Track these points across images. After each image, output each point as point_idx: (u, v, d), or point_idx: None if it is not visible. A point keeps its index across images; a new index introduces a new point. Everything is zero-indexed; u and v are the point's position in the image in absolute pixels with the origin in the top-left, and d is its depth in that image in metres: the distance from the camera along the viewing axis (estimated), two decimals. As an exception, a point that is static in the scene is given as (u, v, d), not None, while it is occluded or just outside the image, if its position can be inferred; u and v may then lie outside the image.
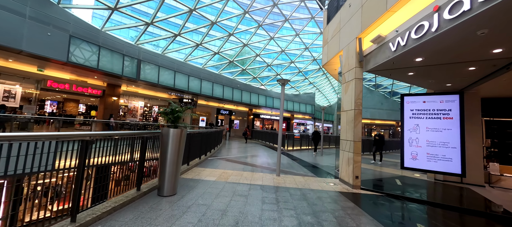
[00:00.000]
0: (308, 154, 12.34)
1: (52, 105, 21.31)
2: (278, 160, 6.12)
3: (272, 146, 15.28)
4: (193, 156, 6.85)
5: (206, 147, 8.40)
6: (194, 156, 6.98)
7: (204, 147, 8.14)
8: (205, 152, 8.23)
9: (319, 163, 9.29)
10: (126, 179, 3.67)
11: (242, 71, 20.35)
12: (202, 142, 7.77)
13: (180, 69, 15.85)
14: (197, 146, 7.18)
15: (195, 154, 7.08)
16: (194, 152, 6.89)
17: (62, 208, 2.62)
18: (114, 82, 14.17)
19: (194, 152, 6.88)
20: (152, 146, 4.23)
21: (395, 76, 5.72)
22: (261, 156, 10.27)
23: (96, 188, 3.03)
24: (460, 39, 3.44)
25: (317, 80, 26.85)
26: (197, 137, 7.06)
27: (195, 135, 6.84)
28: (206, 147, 8.39)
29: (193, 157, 6.93)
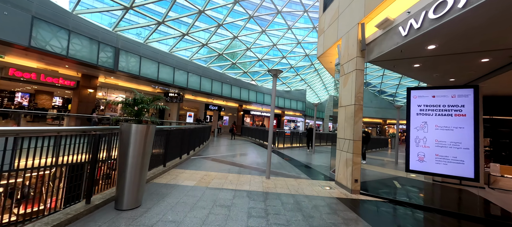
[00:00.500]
0: (299, 152, 11.76)
1: (24, 98, 19.37)
2: (268, 160, 5.40)
3: (262, 144, 14.59)
4: (172, 155, 5.98)
5: (190, 145, 7.53)
6: (173, 156, 6.11)
7: (187, 145, 7.27)
8: (188, 151, 7.36)
9: (312, 162, 8.70)
10: (73, 189, 2.79)
11: (232, 65, 19.40)
12: (184, 139, 6.89)
13: (165, 61, 14.67)
14: (177, 144, 6.30)
15: (175, 153, 6.20)
16: (173, 151, 6.01)
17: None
18: (90, 72, 12.79)
19: (173, 151, 6.01)
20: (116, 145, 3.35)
21: (399, 68, 5.13)
22: (250, 154, 9.54)
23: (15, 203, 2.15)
24: (491, 16, 2.82)
25: (308, 76, 26.41)
26: (177, 134, 6.17)
27: (174, 132, 5.96)
28: (190, 144, 7.52)
29: (172, 156, 6.06)
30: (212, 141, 14.23)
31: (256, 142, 15.87)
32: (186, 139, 7.07)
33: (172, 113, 19.75)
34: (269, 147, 5.54)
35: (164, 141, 5.28)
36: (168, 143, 5.40)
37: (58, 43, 9.67)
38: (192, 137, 7.92)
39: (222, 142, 14.10)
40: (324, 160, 9.31)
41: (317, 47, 7.58)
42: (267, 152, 5.50)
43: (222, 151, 9.78)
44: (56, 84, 13.04)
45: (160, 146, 5.14)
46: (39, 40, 9.03)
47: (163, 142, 5.25)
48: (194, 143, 8.34)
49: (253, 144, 14.47)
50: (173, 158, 6.17)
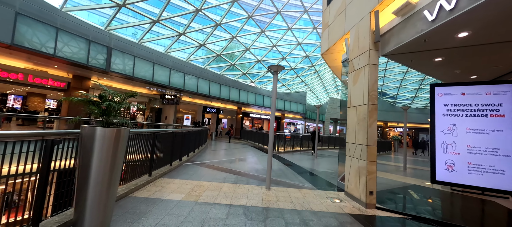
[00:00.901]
0: (301, 157, 11.08)
1: (17, 100, 18.70)
2: (269, 168, 4.72)
3: (262, 148, 13.90)
4: (160, 162, 5.30)
5: (182, 150, 6.85)
6: (162, 163, 5.42)
7: (179, 150, 6.58)
8: (180, 156, 6.67)
9: (316, 168, 8.02)
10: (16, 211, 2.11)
11: (231, 66, 18.81)
12: (175, 144, 6.21)
13: (160, 62, 14.05)
14: (167, 149, 5.62)
15: (164, 160, 5.52)
16: (162, 158, 5.34)
17: None
18: (81, 73, 12.14)
19: (162, 157, 5.33)
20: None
21: (417, 62, 4.50)
22: (249, 159, 8.84)
23: None
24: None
25: (308, 78, 25.85)
26: (166, 138, 5.50)
27: (162, 136, 5.28)
28: (182, 150, 6.84)
29: (161, 163, 5.37)
30: (209, 145, 13.54)
31: (256, 145, 15.18)
32: (178, 144, 6.39)
33: (169, 116, 19.09)
34: (269, 152, 4.86)
35: (150, 146, 4.60)
36: (154, 148, 4.72)
37: (44, 42, 9.04)
38: (185, 141, 7.24)
39: (219, 146, 13.41)
40: (329, 166, 8.63)
41: (321, 44, 6.97)
42: (268, 157, 4.83)
43: (219, 156, 9.09)
44: (46, 86, 12.39)
45: (145, 152, 4.47)
46: (23, 38, 8.39)
47: (149, 147, 4.58)
48: (187, 148, 7.65)
49: (252, 147, 13.79)
50: (163, 165, 5.48)
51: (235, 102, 20.37)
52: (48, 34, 9.17)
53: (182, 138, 6.67)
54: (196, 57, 17.29)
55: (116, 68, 11.71)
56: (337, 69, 7.69)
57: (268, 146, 4.84)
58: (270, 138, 4.86)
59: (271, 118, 4.89)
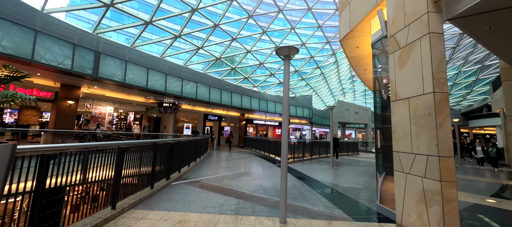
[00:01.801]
0: (313, 166, 9.52)
1: (13, 115, 17.78)
2: (283, 191, 3.25)
3: (268, 157, 12.39)
4: (133, 187, 3.89)
5: (170, 166, 5.44)
6: (137, 187, 4.01)
7: (165, 166, 5.18)
8: (167, 174, 5.26)
9: (338, 182, 6.46)
10: None
11: (231, 70, 17.61)
12: (160, 159, 4.82)
13: (155, 67, 12.90)
14: (145, 167, 4.22)
15: (142, 182, 4.11)
16: (135, 181, 3.93)
17: None
18: (69, 81, 11.04)
19: (136, 179, 3.93)
20: None
21: (498, 30, 3.05)
22: (254, 173, 7.35)
23: None
24: None
25: (313, 81, 24.47)
26: (141, 153, 4.10)
27: (133, 149, 3.88)
28: (170, 165, 5.43)
29: (135, 188, 3.97)
30: (209, 155, 12.11)
31: (261, 154, 13.67)
32: (162, 159, 4.99)
33: (168, 125, 17.83)
34: (283, 168, 3.40)
35: (117, 164, 3.22)
36: (121, 167, 3.33)
37: (21, 45, 7.95)
38: (175, 155, 5.83)
39: (220, 157, 11.95)
40: (352, 178, 7.05)
41: (340, 28, 5.60)
42: (281, 172, 3.36)
43: (218, 170, 7.62)
44: (30, 97, 11.29)
45: (109, 173, 3.08)
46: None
47: (112, 167, 3.19)
48: (179, 162, 6.23)
49: (257, 157, 12.28)
50: (140, 188, 4.07)
51: (238, 108, 19.03)
52: (25, 37, 8.09)
53: (169, 150, 5.27)
54: (194, 62, 16.17)
55: (105, 75, 10.55)
56: (358, 60, 6.28)
57: (282, 159, 3.38)
58: (284, 147, 3.39)
59: (283, 119, 3.45)
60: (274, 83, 22.03)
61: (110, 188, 3.26)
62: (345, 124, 29.39)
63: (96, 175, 2.87)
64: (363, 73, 7.57)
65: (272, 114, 22.38)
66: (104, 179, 3.06)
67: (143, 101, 16.11)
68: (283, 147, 3.35)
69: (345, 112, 27.75)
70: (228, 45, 15.56)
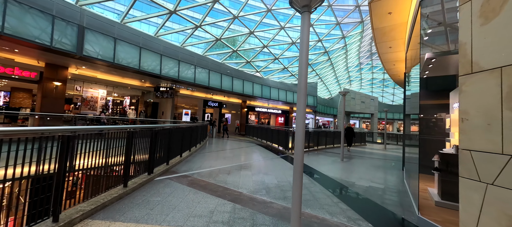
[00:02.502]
0: (322, 159, 8.58)
1: (6, 97, 16.92)
2: (297, 203, 2.25)
3: (270, 146, 11.46)
4: (93, 189, 2.93)
5: (154, 158, 4.48)
6: (101, 188, 3.06)
7: (148, 158, 4.22)
8: (150, 167, 4.31)
9: (352, 179, 5.50)
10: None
11: (233, 53, 16.29)
12: (138, 150, 3.85)
13: (149, 46, 11.70)
14: (116, 160, 3.24)
15: (107, 182, 3.15)
16: (103, 179, 2.97)
17: None
18: (54, 60, 9.96)
19: (103, 178, 2.96)
20: None
21: None
22: (255, 165, 6.41)
23: None
24: None
25: (319, 67, 23.02)
26: (114, 141, 3.11)
27: (93, 136, 2.89)
28: (154, 157, 4.47)
29: (101, 188, 3.01)
30: (208, 143, 11.23)
31: (263, 143, 12.76)
32: (142, 149, 4.01)
33: (166, 111, 16.90)
34: (297, 168, 2.38)
35: (58, 157, 2.23)
36: (69, 160, 2.34)
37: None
38: (163, 143, 4.86)
39: (219, 145, 11.06)
40: (370, 174, 6.07)
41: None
42: (294, 176, 2.35)
43: (214, 161, 6.69)
44: (12, 76, 10.30)
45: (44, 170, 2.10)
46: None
47: (56, 159, 2.19)
48: (168, 152, 5.28)
49: (259, 146, 11.36)
50: (102, 190, 3.11)
51: (239, 94, 17.92)
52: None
53: (153, 138, 4.28)
54: (193, 42, 14.87)
55: (91, 53, 9.43)
56: (384, 33, 5.06)
57: (295, 155, 2.34)
58: (299, 136, 2.33)
59: (299, 98, 2.38)
60: (278, 69, 20.69)
61: (52, 190, 2.29)
62: (350, 113, 28.22)
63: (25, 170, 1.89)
64: (387, 52, 6.35)
65: (275, 101, 21.26)
66: (42, 174, 2.08)
67: (138, 85, 15.07)
68: (298, 136, 2.30)
69: (351, 101, 26.49)
70: (229, 24, 14.16)
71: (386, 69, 8.18)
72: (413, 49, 4.61)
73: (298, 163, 2.22)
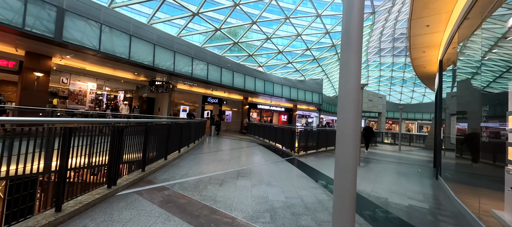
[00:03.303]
0: (333, 163, 7.35)
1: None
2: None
3: (274, 147, 10.25)
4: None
5: (115, 165, 3.31)
6: (14, 215, 1.88)
7: (112, 163, 3.05)
8: (111, 178, 3.13)
9: (386, 193, 4.27)
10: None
11: (233, 45, 15.06)
12: (91, 152, 2.67)
13: (140, 34, 10.53)
14: (46, 170, 2.07)
15: (30, 204, 1.98)
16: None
17: None
18: (35, 48, 8.88)
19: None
20: None
21: None
22: (256, 172, 5.19)
23: None
24: None
25: (326, 62, 21.66)
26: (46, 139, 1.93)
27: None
28: (118, 162, 3.30)
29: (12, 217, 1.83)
30: (203, 143, 10.07)
31: (265, 143, 11.56)
32: (99, 152, 2.82)
33: (162, 107, 15.80)
34: (341, 193, 1.57)
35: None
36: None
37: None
38: (133, 144, 3.68)
39: (216, 145, 9.89)
40: (401, 186, 4.82)
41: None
42: (334, 207, 1.17)
43: (206, 165, 5.51)
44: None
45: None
46: None
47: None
48: (144, 155, 4.10)
49: (261, 146, 10.16)
50: (17, 217, 1.94)
51: (240, 90, 16.71)
52: None
53: (115, 138, 3.10)
54: (190, 32, 13.68)
55: (72, 39, 8.30)
56: (425, 2, 3.79)
57: (336, 172, 1.86)
58: (348, 139, 1.14)
59: (350, 61, 1.16)
60: (282, 63, 19.40)
61: None
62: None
63: None
64: (421, 34, 5.07)
65: (278, 98, 20.01)
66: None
67: (132, 78, 13.95)
68: (345, 139, 1.09)
69: (358, 99, 25.08)
70: (230, 13, 12.91)
71: (412, 58, 6.88)
72: (473, 18, 3.34)
73: (346, 186, 1.02)
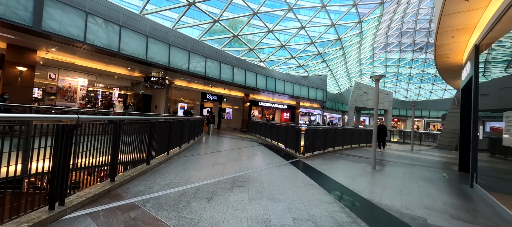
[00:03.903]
0: (346, 166, 6.44)
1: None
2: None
3: (276, 146, 9.37)
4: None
5: (63, 177, 2.46)
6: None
7: (57, 174, 2.20)
8: (52, 196, 2.29)
9: (419, 210, 3.37)
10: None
11: (233, 39, 14.13)
12: (27, 157, 1.81)
13: (131, 25, 9.66)
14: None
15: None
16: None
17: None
18: (20, 41, 8.11)
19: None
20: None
21: None
22: (256, 181, 4.32)
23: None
24: None
25: (330, 57, 20.61)
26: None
27: None
28: (63, 174, 2.45)
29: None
30: (199, 143, 9.23)
31: (266, 142, 10.67)
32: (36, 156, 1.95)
33: (159, 104, 15.00)
34: None
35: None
36: None
37: None
38: (96, 147, 2.82)
39: (213, 145, 9.04)
40: (434, 198, 3.91)
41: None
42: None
43: (196, 172, 4.65)
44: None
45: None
46: None
47: None
48: (113, 160, 3.23)
49: (262, 145, 9.29)
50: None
51: (241, 87, 15.81)
52: None
53: (61, 137, 2.23)
54: (187, 22, 12.79)
55: (52, 28, 7.47)
56: None
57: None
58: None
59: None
60: (285, 58, 18.43)
61: None
62: (361, 109, 25.77)
63: None
64: (456, 11, 4.11)
65: (280, 95, 19.07)
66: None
67: (126, 74, 13.14)
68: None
69: (363, 96, 24.04)
70: (229, 3, 11.97)
71: (437, 45, 5.89)
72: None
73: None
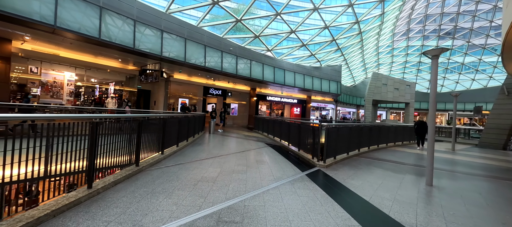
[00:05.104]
0: (389, 181, 4.67)
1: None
2: None
3: (287, 148, 7.67)
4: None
5: None
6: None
7: None
8: None
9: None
10: None
11: (236, 24, 12.43)
12: None
13: (115, 7, 8.21)
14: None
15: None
16: None
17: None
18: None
19: None
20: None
21: None
22: (257, 218, 2.69)
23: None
24: None
25: (346, 45, 18.37)
26: None
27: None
28: None
29: None
30: (196, 143, 7.73)
31: (276, 142, 9.00)
32: None
33: (158, 100, 13.72)
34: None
35: None
36: None
37: None
38: None
39: (213, 147, 7.50)
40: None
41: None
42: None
43: (168, 196, 3.10)
44: None
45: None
46: None
47: None
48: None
49: (270, 147, 7.64)
50: None
51: (246, 79, 14.15)
52: None
53: None
54: (185, 7, 11.24)
55: (17, 9, 6.15)
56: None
57: None
58: None
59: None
60: (295, 46, 16.49)
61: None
62: (378, 103, 23.33)
63: None
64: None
65: (290, 88, 17.24)
66: None
67: (120, 67, 11.88)
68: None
69: (382, 87, 21.60)
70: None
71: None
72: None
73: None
